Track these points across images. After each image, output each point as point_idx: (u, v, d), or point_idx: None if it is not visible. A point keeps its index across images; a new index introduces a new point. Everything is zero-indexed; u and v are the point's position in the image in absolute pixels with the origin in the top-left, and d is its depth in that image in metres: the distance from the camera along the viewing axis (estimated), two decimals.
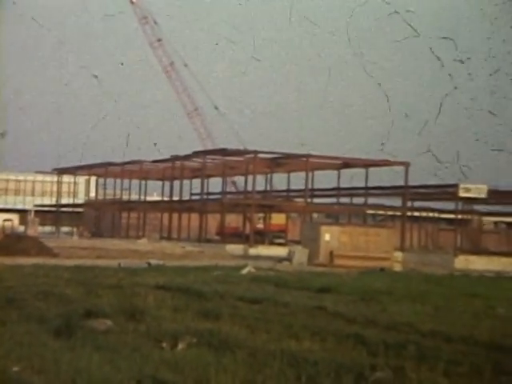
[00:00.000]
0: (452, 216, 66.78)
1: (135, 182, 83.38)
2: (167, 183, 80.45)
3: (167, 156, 73.30)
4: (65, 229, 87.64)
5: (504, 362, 11.94)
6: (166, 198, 78.92)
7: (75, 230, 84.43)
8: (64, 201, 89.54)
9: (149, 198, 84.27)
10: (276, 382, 10.09)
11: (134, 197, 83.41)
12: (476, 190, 59.05)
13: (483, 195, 59.45)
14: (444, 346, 13.41)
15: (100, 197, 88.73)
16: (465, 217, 70.31)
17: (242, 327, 14.52)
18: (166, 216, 76.25)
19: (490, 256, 61.41)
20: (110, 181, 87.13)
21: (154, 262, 36.19)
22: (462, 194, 59.15)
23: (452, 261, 56.16)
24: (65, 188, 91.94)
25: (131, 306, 16.40)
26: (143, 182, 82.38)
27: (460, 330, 15.36)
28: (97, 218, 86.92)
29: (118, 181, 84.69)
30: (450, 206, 66.81)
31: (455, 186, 58.63)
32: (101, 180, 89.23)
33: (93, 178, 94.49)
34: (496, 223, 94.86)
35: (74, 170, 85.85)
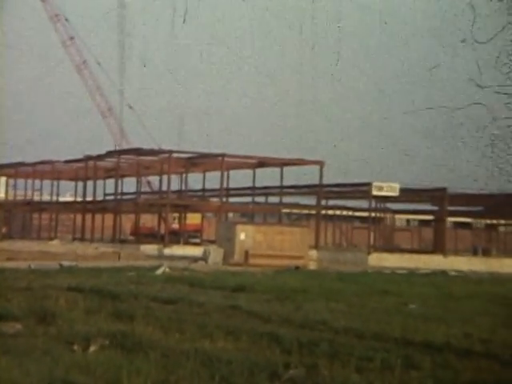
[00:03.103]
0: (365, 214, 67.74)
1: (47, 182, 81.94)
2: (80, 183, 79.25)
3: (80, 156, 72.30)
4: None
5: (414, 356, 12.14)
6: (79, 199, 77.75)
7: None
8: None
9: (61, 199, 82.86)
10: (189, 382, 10.02)
11: (46, 197, 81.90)
12: (388, 188, 60.04)
13: (395, 193, 60.49)
14: (357, 342, 13.55)
15: (10, 198, 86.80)
16: (378, 215, 71.42)
17: (155, 328, 14.39)
18: (79, 217, 75.13)
19: (403, 253, 62.57)
20: (20, 181, 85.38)
21: (66, 263, 35.58)
22: (375, 192, 60.05)
23: (365, 258, 56.99)
24: None
25: (42, 308, 16.06)
26: (55, 183, 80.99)
27: (372, 326, 15.56)
28: (7, 220, 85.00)
29: (30, 181, 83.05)
30: (364, 204, 67.80)
31: (368, 184, 59.52)
32: (11, 180, 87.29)
33: (2, 179, 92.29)
34: (408, 221, 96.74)
35: None
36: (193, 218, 71.37)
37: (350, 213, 77.97)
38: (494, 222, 75.12)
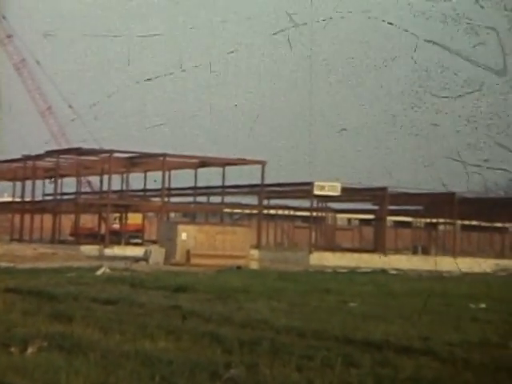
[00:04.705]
0: (307, 213, 68.08)
1: None
2: (19, 183, 78.06)
3: (18, 156, 71.19)
4: None
5: (354, 354, 12.22)
6: (17, 199, 76.59)
7: None
8: None
9: None
10: (129, 383, 9.92)
11: None
12: (330, 187, 60.42)
13: (337, 193, 60.89)
14: (297, 341, 13.59)
15: None
16: (319, 214, 71.87)
17: (95, 329, 14.24)
18: (17, 217, 74.01)
19: (344, 252, 63.07)
20: None
21: (3, 264, 35.06)
22: (317, 191, 60.37)
23: (307, 258, 57.29)
24: None
25: None
26: None
27: (313, 325, 15.62)
28: None
29: None
30: (306, 203, 68.13)
31: (310, 184, 59.82)
32: None
33: None
34: (350, 220, 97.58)
35: None
36: (134, 218, 70.85)
37: (292, 212, 78.34)
38: (434, 220, 76.21)
